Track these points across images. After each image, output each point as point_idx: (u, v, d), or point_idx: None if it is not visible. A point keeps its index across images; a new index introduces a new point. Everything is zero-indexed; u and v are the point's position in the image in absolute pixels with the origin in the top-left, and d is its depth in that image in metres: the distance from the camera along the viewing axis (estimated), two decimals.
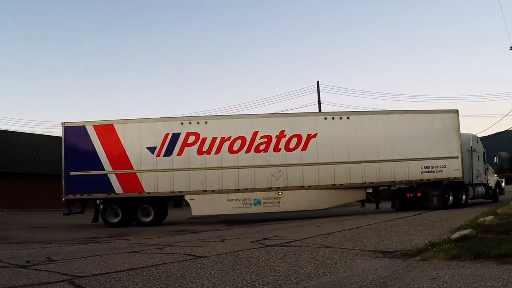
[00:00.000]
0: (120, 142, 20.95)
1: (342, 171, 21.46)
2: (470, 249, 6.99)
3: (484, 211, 16.19)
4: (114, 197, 20.83)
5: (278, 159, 21.23)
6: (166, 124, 21.38)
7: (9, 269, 7.32)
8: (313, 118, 22.23)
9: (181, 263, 7.63)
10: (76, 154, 21.08)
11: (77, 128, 21.25)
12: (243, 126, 21.48)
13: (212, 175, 20.98)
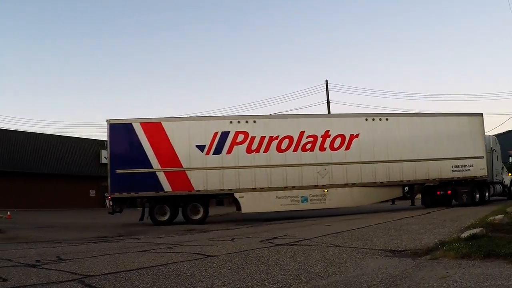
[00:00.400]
0: (168, 140, 21.15)
1: (382, 169, 22.62)
2: (480, 248, 6.96)
3: (493, 210, 16.12)
4: (163, 195, 21.00)
5: (323, 158, 22.10)
6: (215, 123, 21.82)
7: (19, 269, 7.34)
8: (355, 119, 23.08)
9: (191, 262, 7.64)
10: (122, 151, 21.22)
11: (123, 125, 21.37)
12: (290, 126, 22.20)
13: (261, 173, 21.60)
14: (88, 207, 46.98)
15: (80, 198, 47.74)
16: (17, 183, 43.31)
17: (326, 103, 44.42)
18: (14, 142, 45.24)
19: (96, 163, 51.13)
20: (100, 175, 50.66)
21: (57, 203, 44.09)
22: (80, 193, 48.14)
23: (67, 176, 47.78)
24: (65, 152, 48.92)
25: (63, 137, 50.32)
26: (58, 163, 47.67)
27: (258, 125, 21.96)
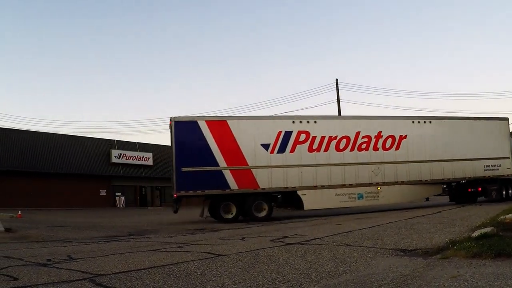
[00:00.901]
0: (234, 138, 21.47)
1: (427, 168, 24.25)
2: (491, 247, 6.94)
3: (504, 209, 16.06)
4: (229, 193, 21.34)
5: (376, 157, 23.46)
6: (279, 122, 22.61)
7: (30, 268, 7.39)
8: (404, 121, 24.62)
9: (201, 261, 7.67)
10: (188, 149, 21.20)
11: (188, 123, 21.45)
12: (348, 127, 23.32)
13: (322, 171, 22.48)
14: (99, 206, 47.18)
15: (91, 198, 47.94)
16: (27, 182, 43.56)
17: (337, 102, 44.35)
18: (24, 142, 45.51)
19: (106, 162, 51.34)
20: (111, 174, 50.97)
21: (67, 203, 44.30)
22: (90, 193, 48.33)
23: (78, 176, 48.01)
24: (75, 152, 49.14)
25: (73, 136, 50.56)
26: (69, 162, 47.89)
27: (319, 125, 22.84)
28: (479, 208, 20.06)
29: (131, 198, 54.02)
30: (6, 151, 43.66)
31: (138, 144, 55.49)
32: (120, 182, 52.68)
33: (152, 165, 55.15)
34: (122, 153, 52.42)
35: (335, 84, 44.79)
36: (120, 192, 52.54)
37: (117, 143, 53.44)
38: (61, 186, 45.82)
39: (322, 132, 22.66)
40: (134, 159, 53.57)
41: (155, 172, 55.53)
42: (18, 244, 12.38)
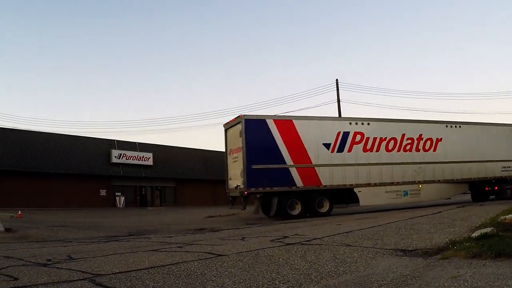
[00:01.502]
0: (299, 137, 22.58)
1: (458, 168, 26.73)
2: (491, 247, 6.94)
3: (504, 209, 16.06)
4: (295, 190, 22.25)
5: (418, 158, 25.57)
6: (338, 123, 24.13)
7: (30, 268, 7.39)
8: (439, 125, 26.85)
9: (202, 261, 7.67)
10: (257, 147, 21.90)
11: (258, 121, 22.24)
12: (395, 129, 25.27)
13: (374, 170, 24.23)
14: (99, 206, 47.18)
15: (91, 198, 47.94)
16: (27, 182, 43.57)
17: (337, 102, 44.35)
18: (24, 142, 45.50)
19: (106, 162, 51.32)
20: (111, 174, 50.96)
21: (67, 203, 44.30)
22: (90, 193, 48.33)
23: (78, 176, 48.00)
24: (75, 152, 49.11)
25: (73, 136, 50.54)
26: (69, 162, 47.88)
27: (371, 127, 24.53)
28: (479, 208, 20.07)
29: (131, 198, 54.00)
30: (6, 151, 43.65)
31: (138, 144, 55.46)
32: (120, 182, 52.67)
33: (152, 165, 55.10)
34: (122, 153, 52.38)
35: (335, 84, 44.80)
36: (120, 192, 52.51)
37: (117, 143, 53.42)
38: (61, 186, 45.80)
39: (374, 134, 24.38)
40: (134, 159, 53.53)
41: (155, 172, 55.53)
42: (18, 244, 12.39)
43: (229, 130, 24.02)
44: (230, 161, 23.90)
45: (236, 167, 22.76)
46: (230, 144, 23.87)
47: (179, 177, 58.54)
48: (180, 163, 59.24)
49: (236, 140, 22.56)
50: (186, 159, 60.43)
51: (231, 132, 23.84)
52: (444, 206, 23.33)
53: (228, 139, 24.28)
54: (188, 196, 58.41)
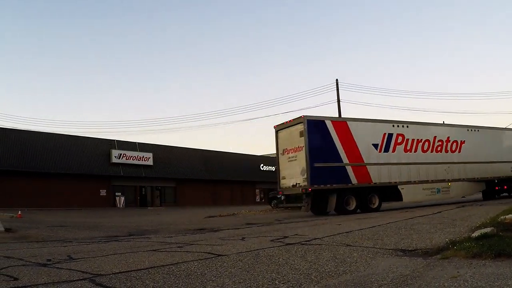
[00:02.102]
0: (352, 137, 24.21)
1: (477, 168, 29.26)
2: (491, 247, 6.93)
3: (504, 209, 16.06)
4: (350, 187, 23.74)
5: (447, 158, 27.90)
6: (384, 125, 25.70)
7: (30, 268, 7.38)
8: (462, 129, 29.57)
9: (202, 261, 7.66)
10: (317, 146, 23.30)
11: (317, 122, 23.65)
12: (428, 132, 27.46)
13: (413, 169, 26.12)
14: (99, 206, 47.23)
15: (91, 198, 48.00)
16: (27, 182, 43.61)
17: (337, 102, 44.31)
18: (25, 142, 45.52)
19: (106, 162, 51.35)
20: (111, 174, 50.99)
21: (67, 203, 44.35)
22: (90, 193, 48.38)
23: (78, 176, 48.06)
24: (75, 152, 49.15)
25: (74, 136, 50.59)
26: (69, 162, 47.92)
27: (410, 129, 26.54)
28: (479, 208, 20.09)
29: (131, 198, 54.06)
30: (6, 151, 43.68)
31: (138, 144, 55.50)
32: (120, 182, 52.72)
33: (152, 165, 55.15)
34: (122, 153, 52.43)
35: (335, 84, 44.76)
36: (120, 192, 52.58)
37: (117, 143, 53.46)
38: (61, 186, 45.85)
39: (412, 135, 26.38)
40: (134, 159, 53.58)
41: (155, 172, 55.57)
42: (18, 244, 12.39)
43: (282, 131, 25.09)
44: (283, 160, 24.85)
45: (293, 166, 23.86)
46: (284, 145, 24.83)
47: (179, 177, 58.60)
48: (180, 163, 59.30)
49: (293, 140, 23.82)
50: (186, 159, 60.48)
51: (285, 133, 24.85)
52: (444, 206, 23.42)
53: (280, 140, 25.23)
54: (188, 196, 58.47)
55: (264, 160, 73.62)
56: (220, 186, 64.02)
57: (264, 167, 71.99)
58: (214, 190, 63.06)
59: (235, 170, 65.80)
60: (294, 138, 23.66)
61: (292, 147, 23.86)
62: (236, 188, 66.66)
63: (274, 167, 38.60)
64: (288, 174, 24.32)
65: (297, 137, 23.41)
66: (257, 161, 72.38)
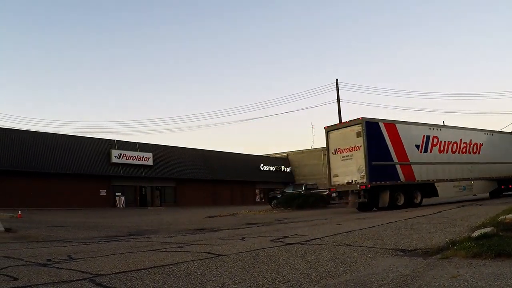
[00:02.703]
0: (400, 138, 26.21)
1: (492, 168, 31.61)
2: (491, 247, 6.93)
3: (504, 209, 16.06)
4: (399, 184, 25.69)
5: (470, 159, 30.33)
6: (423, 128, 28.03)
7: (30, 268, 7.38)
8: (480, 133, 32.34)
9: (202, 261, 7.66)
10: (374, 146, 25.03)
11: (373, 123, 25.49)
12: (455, 135, 29.82)
13: (446, 168, 28.49)
14: (99, 206, 47.21)
15: (91, 198, 47.98)
16: (27, 182, 43.59)
17: (337, 102, 44.32)
18: (24, 142, 45.50)
19: (106, 162, 51.33)
20: (111, 174, 50.96)
21: (67, 203, 44.32)
22: (90, 193, 48.36)
23: (78, 176, 48.03)
24: (75, 152, 49.12)
25: (74, 136, 50.57)
26: (69, 162, 47.89)
27: (442, 132, 28.93)
28: (479, 208, 20.10)
29: (131, 198, 54.04)
30: (6, 151, 43.66)
31: (138, 144, 55.48)
32: (120, 182, 52.70)
33: (152, 165, 55.13)
34: (122, 153, 52.40)
35: (335, 84, 44.77)
36: (120, 192, 52.55)
37: (117, 143, 53.44)
38: (61, 186, 45.83)
39: (444, 138, 28.72)
40: (134, 159, 53.55)
41: (155, 172, 55.55)
42: (18, 244, 12.38)
43: (334, 132, 26.95)
44: (335, 159, 26.56)
45: (347, 164, 25.62)
46: (336, 144, 26.50)
47: (179, 177, 58.57)
48: (180, 163, 59.27)
49: (348, 140, 25.58)
50: (186, 159, 60.45)
51: (338, 133, 26.69)
52: (444, 206, 23.42)
53: (331, 140, 26.90)
54: (188, 196, 58.44)
55: (264, 160, 73.60)
56: (220, 186, 63.99)
57: (264, 167, 72.00)
58: (214, 190, 63.03)
59: (235, 170, 65.80)
60: (349, 138, 25.48)
61: (347, 146, 25.67)
62: (236, 188, 66.63)
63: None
64: (341, 172, 26.02)
65: (352, 137, 25.22)
66: (257, 161, 72.37)
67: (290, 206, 33.89)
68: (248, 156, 72.44)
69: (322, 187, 48.34)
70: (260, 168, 71.27)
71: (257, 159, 73.57)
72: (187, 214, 23.30)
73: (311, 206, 33.11)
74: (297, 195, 35.54)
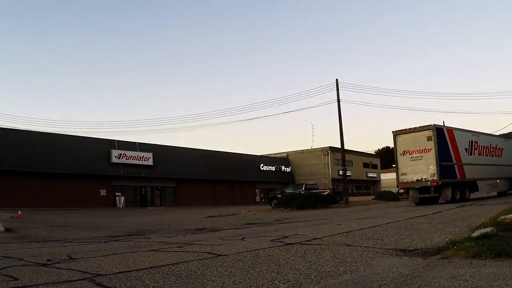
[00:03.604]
0: (456, 142, 30.82)
1: (510, 169, 36.82)
2: (491, 247, 6.93)
3: (504, 209, 16.06)
4: (457, 181, 30.05)
5: (496, 161, 35.31)
6: (468, 134, 32.95)
7: (30, 268, 7.37)
8: (501, 139, 38.82)
9: (202, 261, 7.66)
10: (442, 148, 29.35)
11: (440, 129, 30.06)
12: (486, 139, 35.06)
13: (483, 168, 33.01)
14: (99, 206, 47.23)
15: (91, 198, 47.99)
16: (28, 182, 43.60)
17: (337, 102, 44.30)
18: (25, 141, 45.50)
19: (106, 162, 51.34)
20: (111, 174, 50.96)
21: (67, 203, 44.34)
22: (90, 193, 48.37)
23: (78, 176, 48.05)
24: (75, 152, 49.14)
25: (73, 136, 50.60)
26: (69, 162, 47.90)
27: (480, 137, 34.00)
28: (479, 208, 20.12)
29: (131, 198, 54.06)
30: (6, 151, 43.67)
31: (138, 144, 55.50)
32: (120, 182, 52.73)
33: (152, 165, 55.17)
34: (122, 153, 52.43)
35: (335, 84, 44.74)
36: (120, 192, 52.57)
37: (117, 143, 53.47)
38: (61, 186, 45.85)
39: (481, 143, 33.81)
40: (134, 159, 53.59)
41: (155, 172, 55.58)
42: (18, 244, 12.38)
43: (402, 135, 30.84)
44: (404, 160, 30.45)
45: (417, 164, 29.54)
46: (405, 147, 30.46)
47: (179, 177, 58.61)
48: (180, 163, 59.30)
49: (418, 143, 29.65)
50: (186, 159, 60.49)
51: (406, 137, 30.58)
52: (444, 206, 23.46)
53: (399, 142, 30.90)
54: (188, 196, 58.47)
55: (264, 160, 73.64)
56: (220, 186, 64.05)
57: (264, 167, 72.05)
58: (214, 190, 63.07)
59: (235, 170, 65.87)
60: (419, 141, 29.62)
61: (416, 148, 29.71)
62: (236, 188, 66.70)
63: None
64: (410, 171, 29.94)
65: (422, 141, 29.38)
66: (257, 161, 72.45)
67: (290, 206, 33.85)
68: (248, 156, 72.52)
69: (322, 187, 48.44)
70: (260, 168, 71.34)
71: (257, 159, 73.66)
72: (187, 214, 23.29)
73: (311, 206, 33.06)
74: (297, 195, 35.48)
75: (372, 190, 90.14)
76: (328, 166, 77.92)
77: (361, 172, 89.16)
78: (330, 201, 37.33)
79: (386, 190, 56.84)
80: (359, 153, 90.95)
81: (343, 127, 44.05)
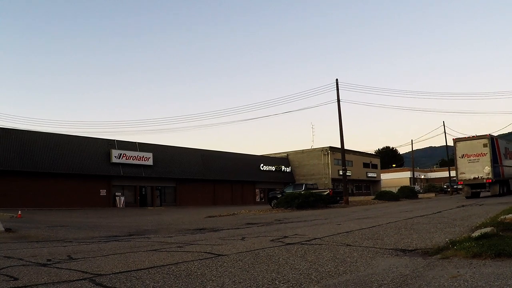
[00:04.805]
0: (499, 148, 38.74)
1: None
2: (491, 247, 6.94)
3: (504, 209, 16.06)
4: (500, 180, 38.28)
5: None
6: (505, 142, 41.52)
7: (30, 268, 7.37)
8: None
9: (202, 261, 7.66)
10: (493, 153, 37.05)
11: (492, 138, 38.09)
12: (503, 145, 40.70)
13: (509, 170, 40.55)
14: (99, 206, 47.26)
15: (91, 198, 48.01)
16: (28, 182, 43.61)
17: (337, 102, 44.34)
18: (25, 142, 45.51)
19: (106, 162, 51.33)
20: (111, 174, 50.96)
21: (67, 203, 44.38)
22: (90, 193, 48.38)
23: (78, 176, 48.06)
24: (76, 152, 49.13)
25: (73, 136, 50.57)
26: (69, 162, 47.89)
27: (509, 145, 42.05)
28: (479, 208, 20.12)
29: (131, 198, 54.06)
30: (6, 151, 43.65)
31: (138, 144, 55.50)
32: (120, 182, 52.74)
33: (152, 165, 55.16)
34: (122, 153, 52.41)
35: (335, 84, 44.77)
36: (120, 192, 52.57)
37: (117, 143, 53.46)
38: (61, 186, 45.86)
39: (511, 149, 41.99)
40: (134, 159, 53.56)
41: (155, 172, 55.58)
42: (18, 244, 12.38)
43: (461, 142, 39.16)
44: (462, 162, 38.24)
45: (473, 165, 37.32)
46: (463, 151, 38.30)
47: (179, 177, 58.61)
48: (180, 163, 59.29)
49: (475, 148, 37.47)
50: (186, 159, 60.49)
51: (465, 143, 38.68)
52: (444, 206, 23.43)
53: (459, 148, 38.80)
54: (188, 196, 58.50)
55: (264, 160, 73.65)
56: (220, 186, 64.07)
57: (264, 167, 72.07)
58: (214, 190, 63.10)
59: (235, 170, 65.88)
60: (476, 147, 37.43)
61: (474, 153, 37.54)
62: (236, 188, 66.74)
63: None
64: (468, 171, 37.56)
65: (479, 147, 37.23)
66: (257, 161, 72.47)
67: (290, 206, 33.84)
68: (248, 156, 72.54)
69: (322, 187, 48.49)
70: (260, 168, 71.35)
71: (257, 159, 73.67)
72: (187, 214, 23.29)
73: (311, 206, 33.05)
74: (297, 195, 35.45)
75: (372, 190, 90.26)
76: (328, 166, 77.95)
77: (361, 172, 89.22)
78: (330, 201, 37.36)
79: (386, 190, 56.87)
80: (359, 153, 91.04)
81: (343, 127, 44.18)
